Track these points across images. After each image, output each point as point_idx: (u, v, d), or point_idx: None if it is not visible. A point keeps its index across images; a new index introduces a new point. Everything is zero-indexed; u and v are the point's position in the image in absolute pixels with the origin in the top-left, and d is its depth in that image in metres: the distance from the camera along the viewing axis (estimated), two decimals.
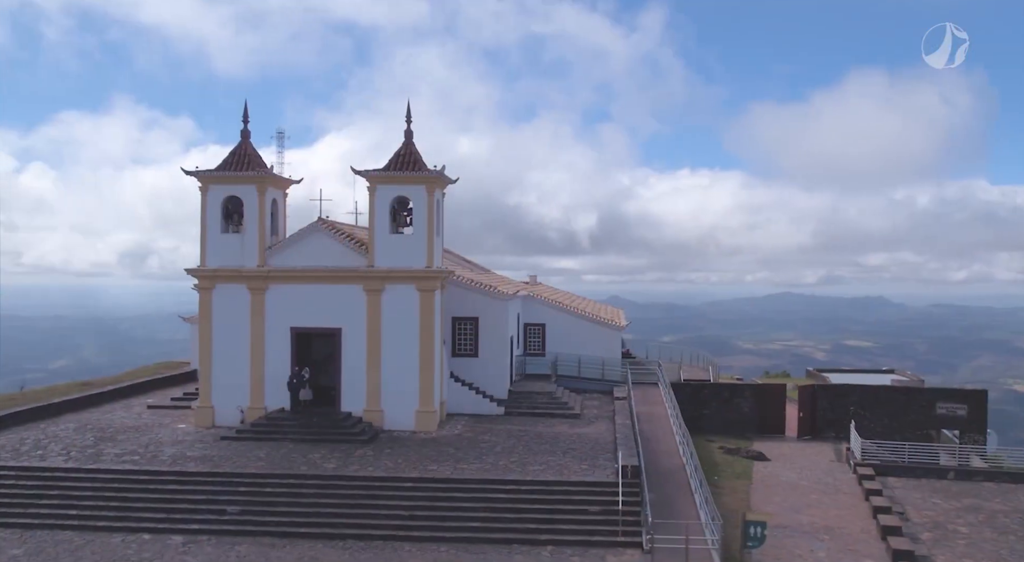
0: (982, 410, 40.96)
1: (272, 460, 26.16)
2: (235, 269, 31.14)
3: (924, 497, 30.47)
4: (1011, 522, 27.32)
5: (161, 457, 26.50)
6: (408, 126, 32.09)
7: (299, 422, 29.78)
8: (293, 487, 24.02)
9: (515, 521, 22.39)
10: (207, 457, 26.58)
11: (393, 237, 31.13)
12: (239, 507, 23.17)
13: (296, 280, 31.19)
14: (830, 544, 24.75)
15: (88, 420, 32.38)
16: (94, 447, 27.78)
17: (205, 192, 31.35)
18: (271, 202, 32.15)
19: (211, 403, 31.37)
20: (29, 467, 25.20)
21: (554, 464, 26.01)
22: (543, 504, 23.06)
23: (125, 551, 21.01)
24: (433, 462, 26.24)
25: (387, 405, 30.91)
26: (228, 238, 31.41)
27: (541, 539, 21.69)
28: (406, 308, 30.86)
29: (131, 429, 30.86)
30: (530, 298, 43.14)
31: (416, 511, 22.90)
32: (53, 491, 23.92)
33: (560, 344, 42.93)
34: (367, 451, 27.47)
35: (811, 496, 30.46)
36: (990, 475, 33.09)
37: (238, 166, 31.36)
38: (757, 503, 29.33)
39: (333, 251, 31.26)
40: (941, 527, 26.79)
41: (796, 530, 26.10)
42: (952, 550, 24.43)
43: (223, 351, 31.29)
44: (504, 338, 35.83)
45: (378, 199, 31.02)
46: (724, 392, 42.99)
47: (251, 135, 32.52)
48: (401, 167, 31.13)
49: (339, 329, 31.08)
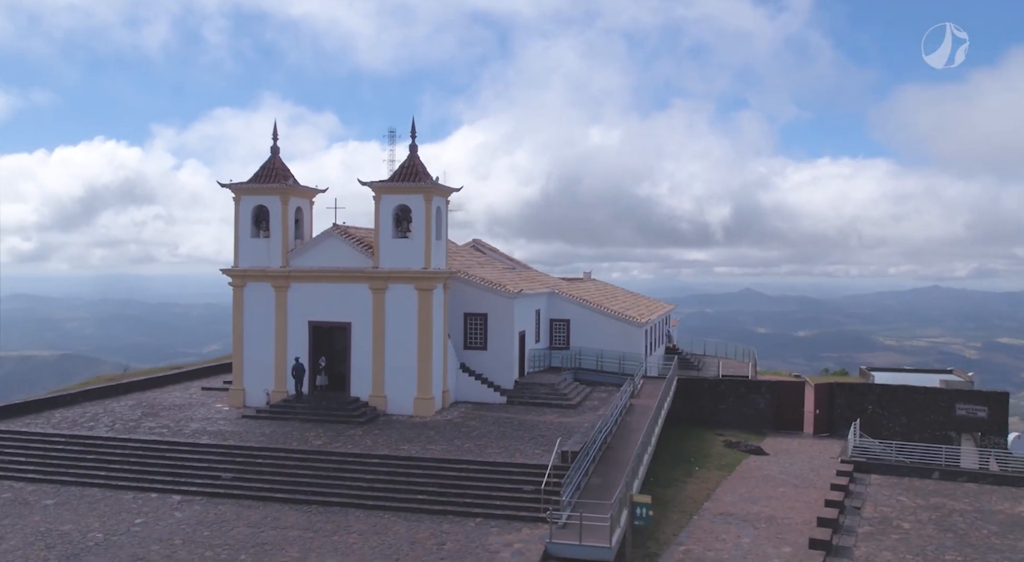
0: (1003, 412, 40.57)
1: (272, 436, 30.29)
2: (262, 269, 35.57)
3: (892, 494, 31.32)
4: (961, 521, 28.00)
5: (184, 431, 31.15)
6: (413, 141, 35.52)
7: (310, 405, 33.87)
8: (279, 459, 27.97)
9: (456, 496, 25.44)
10: (221, 432, 31.03)
11: (396, 241, 34.66)
12: (232, 474, 27.31)
13: (313, 279, 35.27)
14: (762, 532, 26.44)
15: (146, 399, 37.74)
16: (136, 421, 32.83)
17: (238, 202, 35.91)
18: (295, 210, 36.36)
19: (242, 386, 36.00)
20: (77, 435, 30.35)
21: (512, 448, 28.85)
22: (484, 482, 25.99)
23: (132, 505, 25.49)
24: (408, 442, 29.65)
25: (390, 391, 34.57)
26: (257, 242, 35.84)
27: (473, 512, 24.63)
28: (406, 305, 34.37)
29: (175, 407, 35.91)
30: (555, 295, 45.77)
31: (375, 483, 26.34)
32: (90, 456, 28.88)
33: (584, 339, 45.40)
34: (359, 431, 31.19)
35: (779, 489, 31.90)
36: (975, 476, 33.38)
37: (266, 179, 35.70)
38: (719, 493, 31.13)
39: (344, 254, 35.15)
40: (886, 522, 27.84)
41: (738, 518, 27.88)
42: (878, 543, 25.60)
43: (252, 341, 35.83)
44: (511, 333, 38.74)
45: (382, 207, 34.63)
46: (740, 388, 44.36)
47: (280, 151, 36.82)
48: (404, 178, 34.59)
49: (349, 323, 34.96)
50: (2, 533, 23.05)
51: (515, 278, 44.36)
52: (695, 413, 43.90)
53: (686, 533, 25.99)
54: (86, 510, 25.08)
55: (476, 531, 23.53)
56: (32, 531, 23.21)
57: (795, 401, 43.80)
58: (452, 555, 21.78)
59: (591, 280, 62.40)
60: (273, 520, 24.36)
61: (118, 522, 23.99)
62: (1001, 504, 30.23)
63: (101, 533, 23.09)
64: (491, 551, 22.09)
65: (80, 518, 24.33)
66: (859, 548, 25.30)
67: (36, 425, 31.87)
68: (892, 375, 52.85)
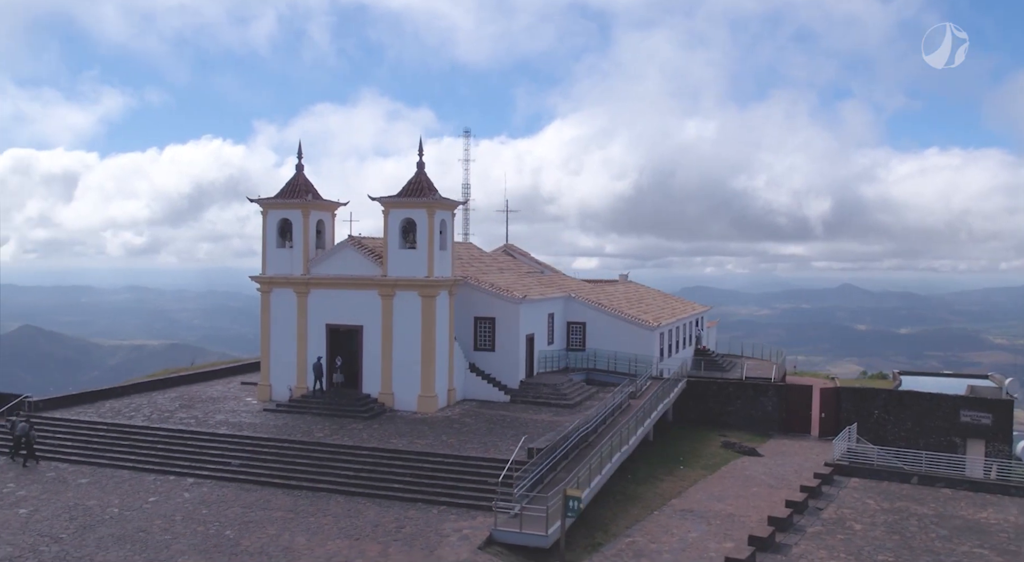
0: (1008, 419, 40.73)
1: (282, 428, 33.84)
2: (285, 276, 39.24)
3: (861, 497, 32.56)
4: (914, 525, 29.18)
5: (209, 422, 35.05)
6: (420, 158, 38.50)
7: (324, 400, 37.33)
8: (282, 448, 31.43)
9: (427, 485, 28.29)
10: (240, 423, 34.79)
11: (403, 251, 37.74)
12: (240, 461, 30.92)
13: (330, 286, 38.71)
14: (713, 528, 28.30)
15: (187, 392, 42.05)
16: (172, 412, 36.98)
17: (265, 215, 39.68)
18: (316, 222, 39.89)
19: (269, 382, 39.82)
20: (117, 423, 34.61)
21: (491, 444, 31.50)
22: (455, 474, 28.75)
23: (151, 486, 29.35)
24: (399, 437, 32.69)
25: (396, 389, 37.72)
26: (281, 252, 39.53)
27: (439, 500, 27.42)
28: (411, 310, 37.43)
29: (211, 400, 40.00)
30: (571, 299, 48.09)
31: (360, 473, 29.45)
32: (124, 442, 33.02)
33: (599, 341, 47.64)
34: (360, 425, 34.43)
35: (752, 489, 33.49)
36: (953, 483, 34.11)
37: (290, 194, 39.33)
38: (692, 491, 32.96)
39: (357, 263, 38.46)
40: (839, 523, 29.27)
41: (697, 515, 29.77)
42: (819, 543, 27.16)
43: (277, 341, 39.59)
44: (518, 335, 41.32)
45: (391, 220, 37.76)
46: (749, 390, 45.67)
47: (304, 168, 40.44)
48: (410, 194, 37.63)
49: (361, 326, 38.27)
50: (38, 505, 27.17)
51: (532, 283, 46.88)
52: (704, 414, 45.49)
53: (639, 526, 28.11)
54: (112, 488, 29.08)
55: (436, 517, 26.33)
56: (63, 505, 27.26)
57: (802, 404, 44.84)
58: (406, 537, 24.66)
59: (627, 282, 64.31)
60: (265, 502, 27.74)
61: (135, 499, 27.84)
62: (965, 510, 31.11)
63: (118, 508, 26.94)
64: (442, 535, 24.86)
65: (105, 495, 28.31)
66: (799, 546, 26.94)
67: (86, 414, 36.36)
68: (919, 379, 52.99)
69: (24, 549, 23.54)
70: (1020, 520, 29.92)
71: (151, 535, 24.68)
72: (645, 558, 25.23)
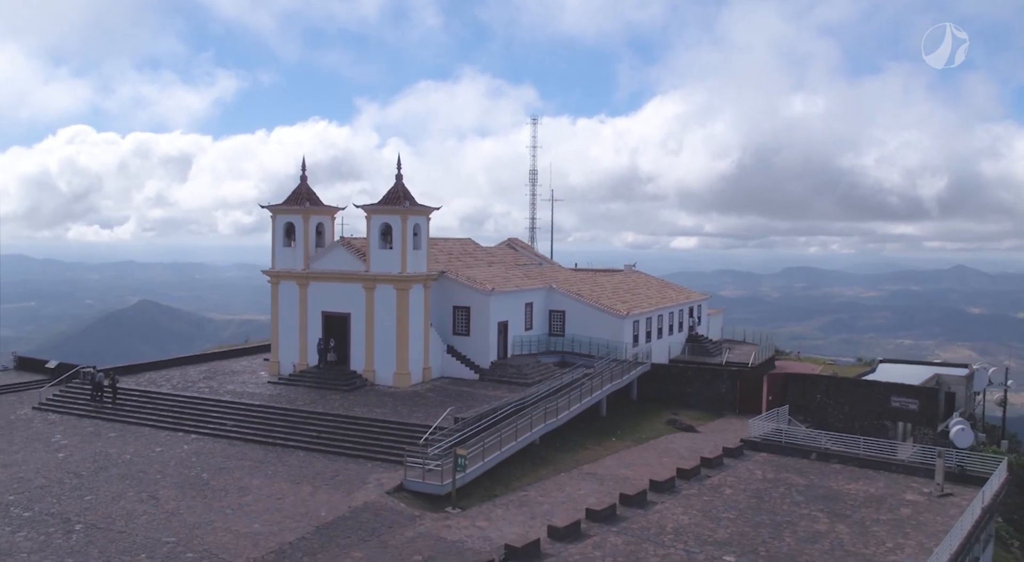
0: (934, 406, 44.36)
1: (275, 397, 41.23)
2: (290, 271, 46.63)
3: (753, 469, 37.40)
4: (779, 492, 33.90)
5: (220, 391, 42.81)
6: (399, 171, 45.08)
7: (318, 375, 44.61)
8: (267, 412, 38.79)
9: (370, 445, 35.04)
10: (244, 393, 42.39)
11: (381, 251, 44.49)
12: (234, 422, 38.43)
13: (324, 279, 45.88)
14: (603, 487, 33.76)
15: (215, 366, 50.18)
16: (194, 382, 44.98)
17: (274, 219, 47.10)
18: (316, 225, 47.08)
19: (277, 359, 47.44)
20: (147, 390, 42.79)
21: (434, 413, 37.96)
22: (393, 436, 35.41)
23: (162, 440, 37.18)
24: (364, 406, 39.56)
25: (377, 367, 44.66)
26: (287, 250, 46.95)
27: (376, 457, 34.13)
28: (389, 301, 44.19)
29: (232, 373, 47.92)
30: (553, 289, 53.89)
31: (322, 433, 36.47)
32: (149, 405, 41.11)
33: (577, 327, 53.33)
34: (339, 396, 41.49)
35: (663, 459, 38.70)
36: (845, 460, 38.45)
37: (294, 201, 46.62)
38: (608, 459, 38.42)
39: (346, 260, 45.48)
40: (715, 489, 34.34)
41: (598, 477, 35.38)
42: (682, 502, 32.32)
43: (283, 325, 47.10)
44: (489, 322, 47.54)
45: (372, 224, 44.55)
46: (706, 374, 50.51)
47: (307, 178, 47.63)
48: (388, 202, 44.28)
49: (349, 314, 45.33)
50: (73, 451, 35.33)
51: (516, 275, 52.88)
52: (666, 395, 50.58)
53: (539, 484, 33.99)
54: (132, 440, 37.06)
55: (367, 470, 33.05)
56: (91, 452, 35.32)
57: (754, 388, 49.42)
58: (336, 483, 31.47)
59: (631, 272, 69.33)
60: (242, 455, 35.10)
61: (145, 449, 35.68)
62: (835, 482, 35.53)
63: (130, 456, 34.79)
64: (364, 482, 31.56)
65: (125, 445, 36.26)
66: (663, 504, 32.16)
67: (126, 383, 44.75)
68: (895, 367, 56.48)
69: (52, 481, 31.52)
70: (876, 492, 34.25)
71: (147, 475, 32.33)
72: (526, 507, 31.21)
